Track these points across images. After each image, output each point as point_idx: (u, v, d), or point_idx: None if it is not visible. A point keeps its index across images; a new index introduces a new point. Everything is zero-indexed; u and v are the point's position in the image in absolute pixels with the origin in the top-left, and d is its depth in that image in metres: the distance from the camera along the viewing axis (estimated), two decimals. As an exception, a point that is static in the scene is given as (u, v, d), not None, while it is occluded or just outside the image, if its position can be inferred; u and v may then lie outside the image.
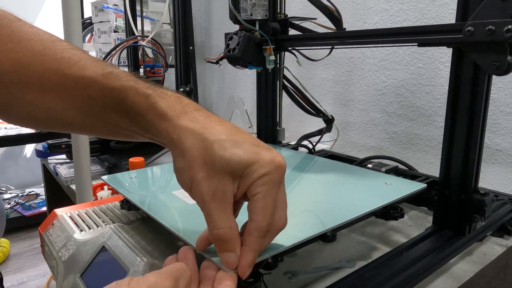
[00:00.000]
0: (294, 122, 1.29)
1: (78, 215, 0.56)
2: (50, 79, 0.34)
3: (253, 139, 0.32)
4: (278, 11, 0.75)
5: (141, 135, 0.36)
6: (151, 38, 1.31)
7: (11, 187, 2.61)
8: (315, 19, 0.75)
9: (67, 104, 0.35)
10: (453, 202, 0.52)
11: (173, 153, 0.33)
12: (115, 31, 1.54)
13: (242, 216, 0.33)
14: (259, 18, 0.69)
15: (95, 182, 0.87)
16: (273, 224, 0.32)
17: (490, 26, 0.41)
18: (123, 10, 1.36)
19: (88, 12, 1.80)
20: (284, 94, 0.81)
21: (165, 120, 0.32)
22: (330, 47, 0.74)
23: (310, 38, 0.69)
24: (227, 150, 0.30)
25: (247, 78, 1.50)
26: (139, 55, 1.44)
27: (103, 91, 0.34)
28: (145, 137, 0.36)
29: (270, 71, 0.77)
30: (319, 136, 0.84)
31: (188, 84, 1.15)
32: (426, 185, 0.53)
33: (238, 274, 0.31)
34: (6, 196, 2.47)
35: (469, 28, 0.43)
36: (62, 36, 0.77)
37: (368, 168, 0.65)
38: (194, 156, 0.31)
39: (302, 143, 0.85)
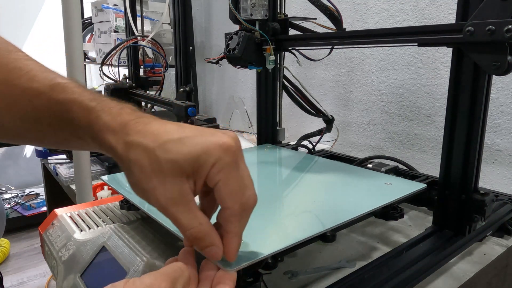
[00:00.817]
0: (294, 122, 1.29)
1: (78, 215, 0.56)
2: None
3: (195, 130, 0.32)
4: (278, 11, 0.75)
5: (91, 147, 0.36)
6: (151, 38, 1.31)
7: (11, 187, 2.61)
8: (315, 19, 0.75)
9: (15, 116, 0.35)
10: (453, 202, 0.52)
11: (121, 167, 0.32)
12: (115, 31, 1.54)
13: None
14: (259, 18, 0.69)
15: (95, 182, 0.87)
16: (246, 203, 0.31)
17: (490, 26, 0.41)
18: (123, 10, 1.36)
19: (88, 12, 1.80)
20: (284, 94, 0.81)
21: (107, 134, 0.32)
22: (330, 47, 0.74)
23: (310, 38, 0.69)
24: (170, 152, 0.30)
25: (247, 78, 1.50)
26: (139, 55, 1.44)
27: (49, 103, 0.34)
28: (95, 149, 0.35)
29: (270, 71, 0.77)
30: (319, 136, 0.84)
31: (188, 84, 1.15)
32: (426, 185, 0.53)
33: (228, 259, 0.32)
34: (6, 196, 2.47)
35: (469, 28, 0.43)
36: (62, 36, 0.77)
37: (368, 168, 0.65)
38: (141, 168, 0.30)
39: (302, 143, 0.85)
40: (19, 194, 2.50)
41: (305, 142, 0.85)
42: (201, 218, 0.31)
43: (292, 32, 0.75)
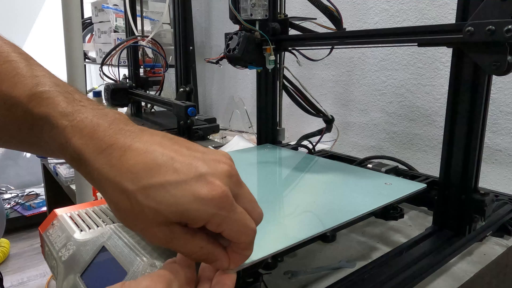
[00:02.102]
0: (294, 122, 1.29)
1: (78, 215, 0.56)
2: None
3: (179, 167, 0.27)
4: (278, 11, 0.75)
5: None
6: (151, 38, 1.31)
7: (11, 187, 2.61)
8: (315, 19, 0.75)
9: None
10: (453, 202, 0.52)
11: (105, 200, 0.29)
12: (115, 31, 1.54)
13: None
14: (259, 18, 0.69)
15: (95, 182, 0.86)
16: (254, 231, 0.30)
17: (490, 26, 0.41)
18: (123, 10, 1.36)
19: (88, 12, 1.80)
20: (284, 94, 0.81)
21: (82, 164, 0.28)
22: (330, 47, 0.74)
23: (310, 38, 0.69)
24: (153, 200, 0.26)
25: (247, 78, 1.50)
26: (139, 55, 1.44)
27: (26, 115, 0.30)
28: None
29: (270, 71, 0.77)
30: (319, 136, 0.84)
31: (188, 84, 1.15)
32: (426, 185, 0.53)
33: (230, 267, 0.32)
34: (6, 196, 2.47)
35: (469, 28, 0.43)
36: (62, 36, 0.77)
37: (368, 168, 0.65)
38: (124, 211, 0.28)
39: (302, 143, 0.85)
40: (19, 194, 2.50)
41: (305, 142, 0.85)
42: (200, 242, 0.29)
43: (292, 32, 0.75)
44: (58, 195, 1.43)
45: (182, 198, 0.26)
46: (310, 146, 0.84)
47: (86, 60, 1.85)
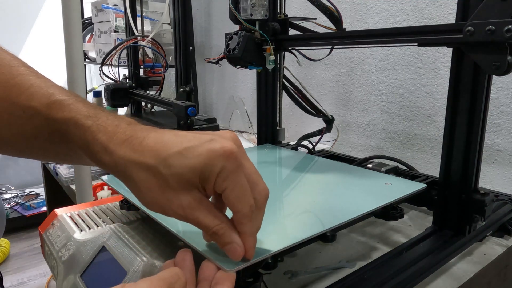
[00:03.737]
0: (294, 122, 1.29)
1: (78, 215, 0.56)
2: None
3: (193, 138, 0.31)
4: (278, 11, 0.75)
5: (91, 164, 0.36)
6: (151, 38, 1.31)
7: (11, 187, 2.61)
8: (315, 19, 0.75)
9: (15, 132, 0.35)
10: (453, 202, 0.52)
11: (128, 186, 0.33)
12: (115, 31, 1.54)
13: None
14: (259, 18, 0.69)
15: (95, 182, 0.86)
16: (258, 199, 0.33)
17: (490, 26, 0.41)
18: (123, 10, 1.36)
19: (88, 12, 1.80)
20: (284, 94, 0.81)
21: (105, 155, 0.32)
22: (330, 47, 0.74)
23: (310, 38, 0.69)
24: (173, 167, 0.30)
25: (247, 78, 1.50)
26: (139, 55, 1.44)
27: (47, 122, 0.34)
28: (97, 166, 0.36)
29: (270, 71, 0.77)
30: (319, 136, 0.84)
31: (188, 84, 1.15)
32: (426, 185, 0.53)
33: (247, 257, 0.33)
34: (6, 196, 2.47)
35: (469, 28, 0.43)
36: (62, 36, 0.77)
37: (368, 168, 0.65)
38: (149, 187, 0.31)
39: (302, 143, 0.85)
40: (19, 194, 2.50)
41: (305, 142, 0.85)
42: (221, 217, 0.32)
43: (292, 32, 0.75)
44: (58, 195, 1.43)
45: (198, 157, 0.30)
46: (310, 146, 0.84)
47: (86, 60, 1.85)
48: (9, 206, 2.34)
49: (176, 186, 0.30)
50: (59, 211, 0.58)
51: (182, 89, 1.13)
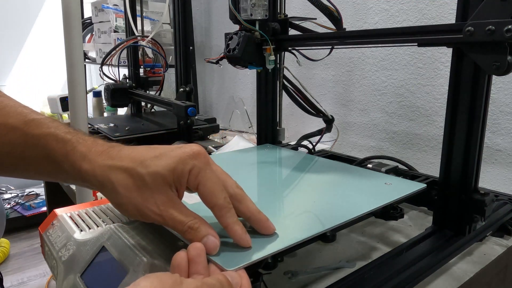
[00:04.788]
0: (294, 122, 1.29)
1: (78, 215, 0.56)
2: None
3: (167, 148, 0.35)
4: (278, 11, 0.75)
5: (64, 179, 0.38)
6: (151, 38, 1.31)
7: (11, 187, 2.61)
8: (315, 19, 0.75)
9: None
10: (453, 202, 0.52)
11: (104, 192, 0.35)
12: (115, 31, 1.54)
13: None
14: (259, 18, 0.69)
15: (95, 182, 0.86)
16: (235, 193, 0.35)
17: (490, 26, 0.41)
18: (123, 10, 1.36)
19: (88, 12, 1.80)
20: (284, 94, 0.81)
21: (85, 163, 0.35)
22: (330, 47, 0.74)
23: (310, 38, 0.69)
24: (150, 166, 0.33)
25: (247, 78, 1.50)
26: (139, 55, 1.44)
27: (25, 138, 0.36)
28: (68, 181, 0.39)
29: (270, 71, 0.77)
30: (319, 136, 0.84)
31: (188, 84, 1.15)
32: (426, 185, 0.53)
33: (245, 246, 0.34)
34: (6, 196, 2.47)
35: (469, 28, 0.43)
36: (62, 36, 0.77)
37: (368, 168, 0.65)
38: (126, 187, 0.33)
39: (302, 143, 0.85)
40: (19, 194, 2.50)
41: (305, 142, 0.85)
42: (194, 214, 0.34)
43: (292, 32, 0.75)
44: (58, 195, 1.44)
45: (172, 158, 0.34)
46: (310, 146, 0.84)
47: (86, 60, 1.85)
48: (9, 206, 2.34)
49: (152, 185, 0.33)
50: (59, 211, 0.57)
51: (182, 89, 1.13)
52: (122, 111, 1.62)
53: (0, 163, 0.38)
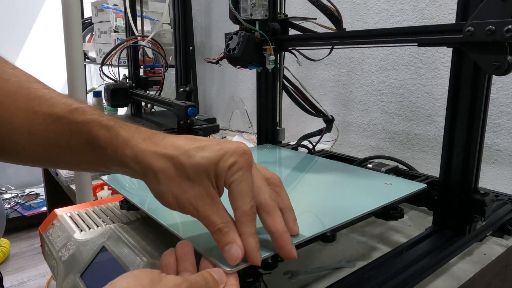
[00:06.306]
0: (294, 122, 1.29)
1: (78, 215, 0.56)
2: (19, 117, 0.36)
3: (212, 140, 0.35)
4: (278, 11, 0.75)
5: (106, 166, 0.38)
6: (151, 38, 1.31)
7: (11, 187, 2.61)
8: (315, 19, 0.75)
9: (36, 142, 0.37)
10: (453, 202, 0.52)
11: (145, 179, 0.34)
12: (115, 31, 1.54)
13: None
14: (259, 18, 0.69)
15: (95, 182, 0.87)
16: (266, 203, 0.34)
17: (490, 26, 0.41)
18: (123, 10, 1.36)
19: (88, 12, 1.80)
20: (284, 94, 0.81)
21: (128, 147, 0.34)
22: (330, 47, 0.74)
23: (310, 38, 0.69)
24: (194, 157, 0.33)
25: (247, 78, 1.50)
26: (139, 55, 1.44)
27: (69, 125, 0.36)
28: (110, 168, 0.38)
29: (270, 71, 0.77)
30: (319, 136, 0.84)
31: (188, 84, 1.15)
32: (426, 185, 0.53)
33: (253, 263, 0.32)
34: (6, 196, 2.47)
35: (469, 28, 0.43)
36: (62, 36, 0.77)
37: (368, 168, 0.65)
38: (168, 175, 0.33)
39: (302, 143, 0.85)
40: (19, 194, 2.50)
41: (305, 142, 0.85)
42: (228, 217, 0.33)
43: (292, 32, 0.75)
44: (58, 195, 1.43)
45: (216, 151, 0.33)
46: (310, 146, 0.84)
47: (86, 60, 1.85)
48: (9, 206, 2.34)
49: (193, 177, 0.32)
50: (59, 211, 0.58)
51: (182, 89, 1.13)
52: (122, 111, 1.62)
53: (47, 154, 0.38)
